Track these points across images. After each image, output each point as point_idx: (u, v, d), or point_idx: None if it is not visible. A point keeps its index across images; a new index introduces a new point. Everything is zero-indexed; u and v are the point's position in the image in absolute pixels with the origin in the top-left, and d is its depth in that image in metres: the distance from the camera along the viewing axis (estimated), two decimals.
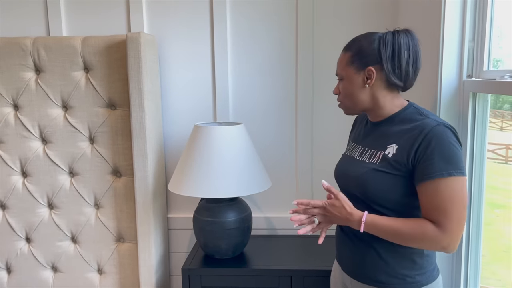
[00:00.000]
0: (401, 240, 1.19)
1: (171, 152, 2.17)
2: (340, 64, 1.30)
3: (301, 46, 2.04)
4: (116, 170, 2.03)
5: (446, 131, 1.15)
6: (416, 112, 1.24)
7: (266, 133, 2.13)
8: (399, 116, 1.26)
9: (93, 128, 2.00)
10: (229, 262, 1.84)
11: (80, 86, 1.97)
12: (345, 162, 1.40)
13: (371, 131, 1.34)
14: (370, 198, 1.25)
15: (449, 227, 1.13)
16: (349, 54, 1.27)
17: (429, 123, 1.17)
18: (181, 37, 2.08)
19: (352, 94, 1.28)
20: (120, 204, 2.04)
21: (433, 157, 1.13)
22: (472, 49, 1.44)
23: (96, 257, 2.09)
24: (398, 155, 1.20)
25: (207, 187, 1.72)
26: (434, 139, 1.14)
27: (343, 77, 1.29)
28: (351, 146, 1.43)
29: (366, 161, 1.29)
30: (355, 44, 1.27)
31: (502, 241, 1.70)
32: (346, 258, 1.38)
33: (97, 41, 1.93)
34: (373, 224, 1.20)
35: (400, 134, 1.22)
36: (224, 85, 2.08)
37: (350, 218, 1.22)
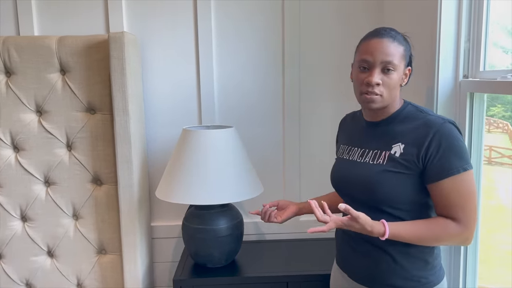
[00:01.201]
0: (425, 242, 1.19)
1: (155, 158, 2.07)
2: (395, 54, 1.19)
3: (288, 47, 2.01)
4: (96, 178, 1.91)
5: (452, 128, 1.17)
6: (415, 109, 1.25)
7: (252, 136, 2.08)
8: (400, 115, 1.26)
9: (71, 133, 1.87)
10: (222, 271, 1.77)
11: (57, 89, 1.84)
12: (345, 166, 1.35)
13: (369, 131, 1.31)
14: (379, 200, 1.22)
15: (468, 221, 1.15)
16: (402, 47, 1.21)
17: (435, 121, 1.17)
18: (163, 37, 1.99)
19: (395, 88, 1.22)
20: (101, 214, 1.92)
21: (447, 155, 1.14)
22: (468, 49, 1.46)
23: (76, 271, 1.96)
24: (406, 154, 1.19)
25: (199, 194, 1.65)
26: (444, 137, 1.14)
27: (396, 68, 1.20)
28: (345, 149, 1.39)
29: (371, 163, 1.25)
30: (401, 37, 1.23)
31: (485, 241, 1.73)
32: (355, 264, 1.33)
33: (75, 41, 1.81)
34: (395, 235, 1.16)
35: (405, 133, 1.21)
36: (209, 87, 2.02)
37: (370, 235, 1.17)
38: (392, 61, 1.19)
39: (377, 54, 1.19)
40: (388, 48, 1.19)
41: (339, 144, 1.47)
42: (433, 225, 1.17)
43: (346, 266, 1.37)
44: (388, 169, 1.20)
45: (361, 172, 1.27)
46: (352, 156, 1.33)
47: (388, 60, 1.18)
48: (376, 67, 1.19)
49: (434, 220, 1.18)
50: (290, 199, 2.11)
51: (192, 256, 1.80)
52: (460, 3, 1.44)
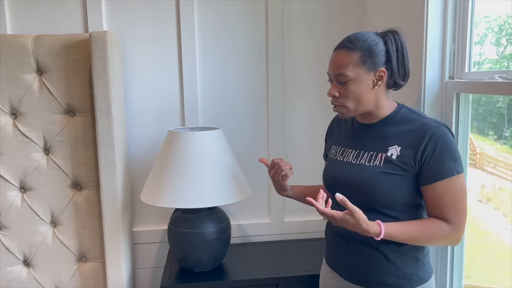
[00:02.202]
0: (417, 242, 1.21)
1: (136, 160, 2.02)
2: (346, 64, 1.21)
3: (271, 47, 2.00)
4: (76, 182, 1.84)
5: (447, 131, 1.19)
6: (409, 112, 1.27)
7: (236, 138, 2.06)
8: (396, 117, 1.27)
9: (49, 137, 1.79)
10: (210, 275, 1.74)
11: (33, 91, 1.76)
12: (339, 167, 1.34)
13: (364, 133, 1.32)
14: (375, 201, 1.23)
15: (459, 222, 1.18)
16: (358, 54, 1.20)
17: (430, 124, 1.20)
18: (144, 37, 1.94)
19: (359, 96, 1.23)
20: (81, 220, 1.85)
21: (442, 158, 1.16)
22: (453, 51, 1.50)
23: (54, 281, 1.87)
24: (403, 156, 1.20)
25: (187, 197, 1.62)
26: (439, 141, 1.17)
27: (351, 78, 1.21)
28: (338, 150, 1.39)
29: (367, 165, 1.26)
30: (360, 43, 1.21)
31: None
32: (347, 263, 1.33)
33: (53, 41, 1.74)
34: (390, 235, 1.17)
35: (401, 135, 1.23)
36: (193, 88, 1.98)
37: (365, 234, 1.16)
38: (343, 72, 1.21)
39: (331, 68, 1.25)
40: (339, 60, 1.22)
41: (330, 144, 1.47)
42: (426, 225, 1.20)
43: (337, 265, 1.37)
44: (385, 171, 1.22)
45: (358, 174, 1.27)
46: (346, 158, 1.33)
47: (338, 73, 1.22)
48: (334, 80, 1.26)
49: (428, 221, 1.21)
50: (275, 201, 2.10)
51: (179, 260, 1.76)
52: (446, 5, 1.48)
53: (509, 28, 1.48)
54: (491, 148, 1.63)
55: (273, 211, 2.11)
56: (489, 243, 1.69)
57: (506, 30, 1.48)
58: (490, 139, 1.62)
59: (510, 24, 1.47)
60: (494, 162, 1.65)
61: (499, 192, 1.66)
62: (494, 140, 1.64)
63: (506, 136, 1.59)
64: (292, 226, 2.13)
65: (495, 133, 1.63)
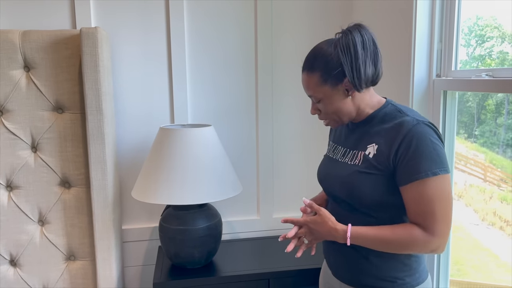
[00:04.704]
0: (390, 248, 1.16)
1: (125, 157, 2.00)
2: (312, 86, 1.20)
3: (260, 44, 2.02)
4: (65, 180, 1.81)
5: (426, 129, 1.12)
6: (394, 109, 1.21)
7: (225, 135, 2.07)
8: (379, 115, 1.23)
9: (37, 134, 1.76)
10: (202, 271, 1.75)
11: (20, 87, 1.73)
12: (328, 164, 1.36)
13: (352, 132, 1.30)
14: (356, 200, 1.21)
15: (437, 229, 1.10)
16: (317, 74, 1.18)
17: (408, 122, 1.14)
18: (133, 34, 1.93)
19: (337, 109, 1.22)
20: (70, 218, 1.83)
21: (416, 157, 1.10)
22: (440, 50, 1.55)
23: (42, 280, 1.84)
24: (378, 155, 1.17)
25: (180, 193, 1.62)
26: (414, 138, 1.10)
27: (321, 97, 1.21)
28: (332, 147, 1.39)
29: (349, 163, 1.25)
30: (317, 61, 1.18)
31: None
32: (333, 260, 1.34)
33: (41, 36, 1.71)
34: (359, 237, 1.16)
35: (381, 134, 1.19)
36: (182, 85, 1.98)
37: (335, 234, 1.18)
38: (312, 94, 1.22)
39: (304, 88, 1.25)
40: (305, 82, 1.22)
41: (329, 140, 1.46)
42: (398, 230, 1.14)
43: (330, 262, 1.36)
44: (361, 170, 1.19)
45: (339, 172, 1.27)
46: (335, 155, 1.33)
47: (309, 94, 1.24)
48: (311, 99, 1.26)
49: (401, 226, 1.15)
50: (264, 198, 2.12)
51: (171, 257, 1.76)
52: (433, 6, 1.53)
53: (478, 30, 1.54)
54: (462, 147, 1.69)
55: (262, 208, 2.13)
56: (461, 238, 1.75)
57: (475, 31, 1.54)
58: (461, 137, 1.67)
59: (480, 26, 1.53)
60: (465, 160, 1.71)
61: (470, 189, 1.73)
62: (465, 139, 1.70)
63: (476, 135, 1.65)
64: (280, 222, 2.15)
65: (465, 131, 1.68)
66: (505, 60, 1.44)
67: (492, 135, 1.61)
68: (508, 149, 1.56)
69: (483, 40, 1.55)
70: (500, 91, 1.28)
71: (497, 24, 1.50)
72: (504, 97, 1.50)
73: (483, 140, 1.64)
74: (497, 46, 1.51)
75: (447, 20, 1.52)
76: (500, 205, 1.61)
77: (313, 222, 1.21)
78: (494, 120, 1.60)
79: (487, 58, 1.55)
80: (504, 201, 1.60)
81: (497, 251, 1.64)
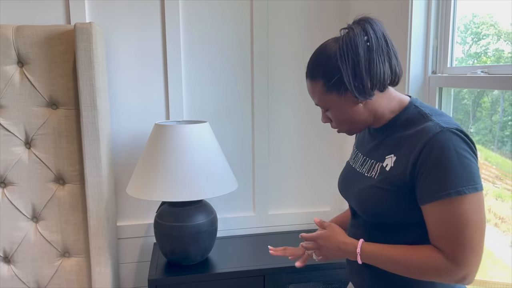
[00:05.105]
0: (407, 272, 0.99)
1: (120, 154, 1.99)
2: (317, 95, 1.07)
3: (256, 40, 2.01)
4: (59, 177, 1.80)
5: (451, 137, 0.92)
6: (417, 113, 1.03)
7: (221, 132, 2.06)
8: (399, 120, 1.06)
9: (31, 130, 1.75)
10: (197, 268, 1.75)
11: (14, 83, 1.71)
12: (347, 173, 1.21)
13: (373, 138, 1.14)
14: (370, 218, 1.08)
15: (463, 257, 0.91)
16: (320, 83, 1.04)
17: (429, 129, 0.95)
18: (128, 30, 1.91)
19: (348, 119, 1.07)
20: (65, 215, 1.82)
21: (436, 173, 0.92)
22: (436, 47, 1.55)
23: (36, 277, 1.83)
24: (395, 169, 1.00)
25: (175, 190, 1.61)
26: (435, 149, 0.92)
27: (329, 106, 1.07)
28: (354, 153, 1.24)
29: (365, 175, 1.10)
30: (317, 67, 1.04)
31: None
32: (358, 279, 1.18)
33: (35, 31, 1.70)
34: (371, 254, 1.03)
35: (399, 143, 1.02)
36: (177, 82, 1.97)
37: (344, 248, 1.06)
38: (318, 103, 1.09)
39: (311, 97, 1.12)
40: (310, 90, 1.09)
41: (354, 143, 1.30)
42: (417, 252, 0.97)
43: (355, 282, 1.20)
44: (376, 185, 1.04)
45: (355, 184, 1.13)
46: (355, 163, 1.19)
47: (316, 103, 1.10)
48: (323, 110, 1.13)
49: (421, 248, 0.97)
50: (260, 194, 2.12)
51: (166, 254, 1.76)
52: (429, 3, 1.53)
53: (474, 28, 1.54)
54: None
55: (258, 204, 2.13)
56: None
57: (471, 29, 1.54)
58: None
59: (476, 24, 1.53)
60: None
61: None
62: None
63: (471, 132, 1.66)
64: (276, 218, 2.16)
65: None
66: (501, 57, 1.43)
67: (487, 132, 1.61)
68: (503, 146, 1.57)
69: (479, 37, 1.55)
70: (496, 87, 1.28)
71: (493, 21, 1.49)
72: (499, 94, 1.50)
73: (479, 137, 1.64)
74: (493, 43, 1.51)
75: (442, 17, 1.52)
76: (495, 202, 1.61)
77: (322, 237, 1.11)
78: (489, 118, 1.61)
79: (483, 55, 1.55)
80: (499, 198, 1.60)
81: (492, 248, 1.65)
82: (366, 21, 1.01)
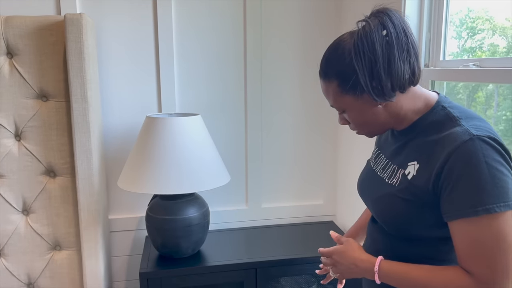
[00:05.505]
0: None
1: (111, 147, 1.98)
2: (331, 96, 0.98)
3: (250, 34, 2.00)
4: (50, 169, 1.79)
5: (482, 146, 0.82)
6: (445, 115, 0.93)
7: (213, 125, 2.05)
8: (424, 122, 0.96)
9: (21, 122, 1.73)
10: (188, 261, 1.74)
11: (3, 74, 1.69)
12: (367, 175, 1.12)
13: (396, 140, 1.04)
14: (391, 228, 1.00)
15: (492, 281, 0.81)
16: (335, 83, 0.95)
17: (457, 136, 0.85)
18: (120, 21, 1.89)
19: (367, 121, 0.98)
20: (55, 208, 1.80)
21: (462, 187, 0.82)
22: (429, 39, 1.54)
23: (27, 270, 1.82)
24: (418, 179, 0.91)
25: (167, 183, 1.61)
26: (461, 159, 0.82)
27: (345, 108, 0.98)
28: (375, 153, 1.14)
29: (386, 181, 1.01)
30: (331, 67, 0.95)
31: None
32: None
33: (24, 22, 1.67)
34: (390, 274, 0.93)
35: (423, 149, 0.92)
36: (170, 75, 1.95)
37: (361, 265, 0.97)
38: (334, 105, 1.00)
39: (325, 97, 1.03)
40: (324, 91, 1.00)
41: (375, 142, 1.20)
42: (442, 274, 0.87)
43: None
44: (396, 194, 0.95)
45: (374, 189, 1.05)
46: (376, 165, 1.10)
47: (332, 105, 1.01)
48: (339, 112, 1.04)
49: (446, 269, 0.88)
50: (253, 188, 2.11)
51: (158, 247, 1.75)
52: None
53: (469, 22, 1.53)
54: None
55: (250, 198, 2.12)
56: None
57: (467, 24, 1.54)
58: None
59: (471, 18, 1.52)
60: None
61: None
62: None
63: None
64: (269, 212, 2.15)
65: None
66: (496, 52, 1.43)
67: None
68: None
69: (474, 32, 1.55)
70: (488, 81, 1.28)
71: (489, 16, 1.49)
72: (493, 89, 1.50)
73: None
74: (488, 38, 1.51)
75: (436, 10, 1.52)
76: None
77: (337, 253, 1.02)
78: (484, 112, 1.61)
79: (478, 50, 1.55)
80: None
81: None
82: (384, 13, 0.91)
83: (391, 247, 1.01)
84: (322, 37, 2.07)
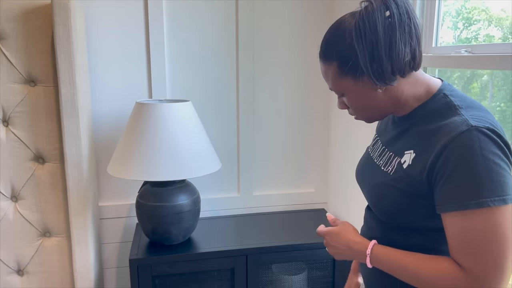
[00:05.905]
0: (419, 284, 0.87)
1: (100, 132, 1.96)
2: (330, 79, 0.96)
3: (242, 19, 1.97)
4: (38, 155, 1.77)
5: (480, 138, 0.79)
6: (445, 104, 0.90)
7: (205, 111, 2.03)
8: (424, 110, 0.93)
9: (8, 108, 1.71)
10: (179, 248, 1.74)
11: None
12: (364, 163, 1.11)
13: (395, 126, 1.02)
14: (386, 218, 0.99)
15: (484, 276, 0.78)
16: (334, 65, 0.92)
17: (454, 125, 0.83)
18: (109, 5, 1.86)
19: (365, 105, 0.96)
20: (45, 194, 1.79)
21: (456, 179, 0.80)
22: (421, 26, 1.53)
23: (16, 257, 1.81)
24: (412, 168, 0.89)
25: (157, 170, 1.59)
26: (456, 151, 0.80)
27: (343, 91, 0.96)
28: (374, 140, 1.13)
29: (382, 169, 1.00)
30: (330, 48, 0.93)
31: None
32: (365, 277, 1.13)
33: (10, 6, 1.64)
34: (382, 258, 0.92)
35: (420, 138, 0.90)
36: (161, 60, 1.93)
37: (354, 247, 0.97)
38: (332, 88, 0.98)
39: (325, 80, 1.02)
40: (323, 72, 0.98)
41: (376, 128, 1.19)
42: (432, 263, 0.85)
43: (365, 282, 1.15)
44: (390, 183, 0.94)
45: (370, 176, 1.04)
46: (373, 152, 1.08)
47: (331, 88, 0.99)
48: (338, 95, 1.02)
49: (437, 260, 0.85)
50: (244, 175, 2.10)
51: (148, 234, 1.74)
52: None
53: (465, 13, 1.52)
54: None
55: (242, 185, 2.12)
56: None
57: (463, 14, 1.52)
58: None
59: (467, 9, 1.51)
60: None
61: None
62: None
63: None
64: (261, 199, 2.15)
65: None
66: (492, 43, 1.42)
67: None
68: None
69: (470, 23, 1.54)
70: (480, 67, 1.27)
71: (485, 7, 1.48)
72: (488, 80, 1.49)
73: None
74: (484, 29, 1.50)
75: None
76: None
77: (331, 233, 1.02)
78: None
79: (473, 41, 1.54)
80: None
81: None
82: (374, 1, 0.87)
83: (385, 235, 1.00)
84: (314, 21, 2.04)
